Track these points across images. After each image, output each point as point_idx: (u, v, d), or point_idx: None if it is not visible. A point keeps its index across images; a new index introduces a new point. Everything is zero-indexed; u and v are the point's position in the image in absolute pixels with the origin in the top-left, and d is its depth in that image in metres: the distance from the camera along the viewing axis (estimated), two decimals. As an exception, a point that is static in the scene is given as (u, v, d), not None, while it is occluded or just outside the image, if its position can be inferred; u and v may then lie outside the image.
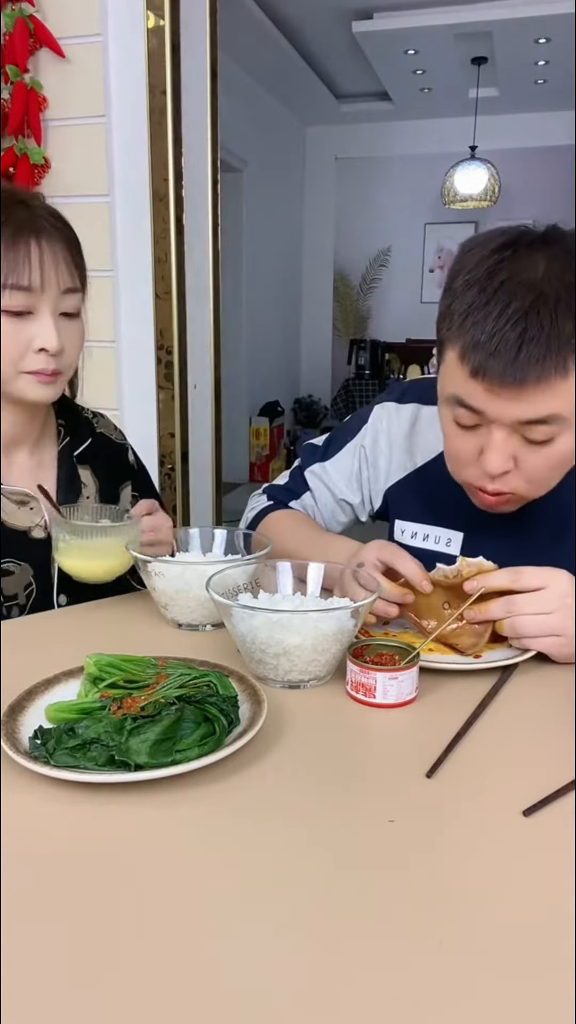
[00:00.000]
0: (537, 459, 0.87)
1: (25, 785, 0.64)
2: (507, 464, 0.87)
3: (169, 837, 0.59)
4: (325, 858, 0.57)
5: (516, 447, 0.86)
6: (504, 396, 0.82)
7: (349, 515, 1.22)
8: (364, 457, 1.18)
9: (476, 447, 0.89)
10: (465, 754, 0.71)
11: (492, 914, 0.51)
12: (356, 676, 0.79)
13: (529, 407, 0.82)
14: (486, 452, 0.87)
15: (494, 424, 0.85)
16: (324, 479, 1.20)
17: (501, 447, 0.86)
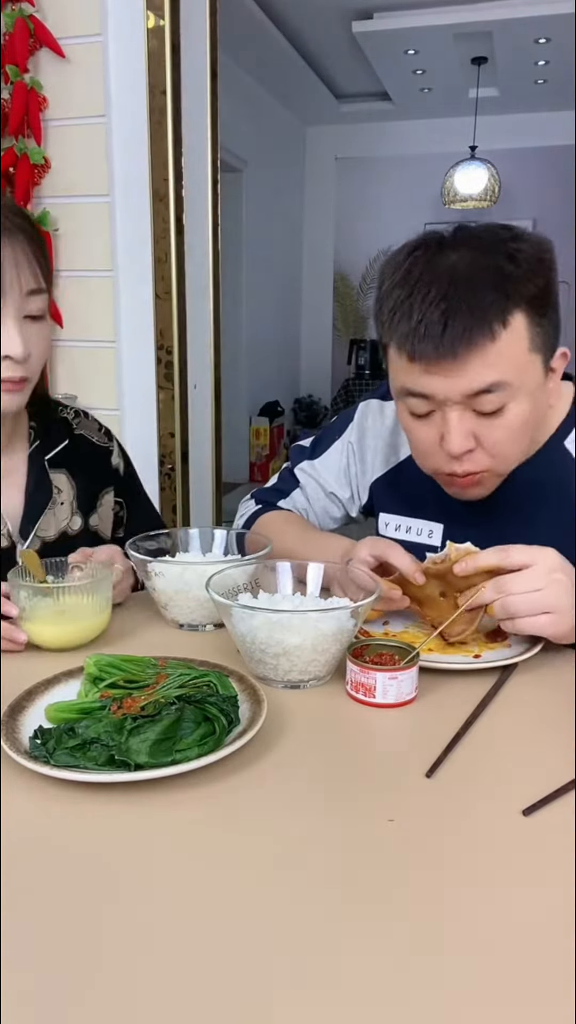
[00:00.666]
0: (495, 432, 0.90)
1: (25, 785, 0.64)
2: (467, 443, 0.90)
3: (168, 837, 0.59)
4: (325, 858, 0.57)
5: (472, 424, 0.90)
6: (443, 373, 0.86)
7: (341, 510, 1.24)
8: (352, 452, 1.21)
9: (436, 434, 0.92)
10: (465, 754, 0.71)
11: (492, 914, 0.51)
12: (356, 676, 0.79)
13: (470, 379, 0.86)
14: (445, 436, 0.90)
15: (445, 406, 0.89)
16: (314, 475, 1.23)
17: (457, 426, 0.89)
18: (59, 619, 0.89)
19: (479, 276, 0.84)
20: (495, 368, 0.85)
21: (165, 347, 2.07)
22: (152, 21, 1.91)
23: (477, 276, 0.84)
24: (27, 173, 2.03)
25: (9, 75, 1.96)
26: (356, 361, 6.83)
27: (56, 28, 1.96)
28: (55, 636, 0.90)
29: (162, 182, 1.98)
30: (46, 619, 0.89)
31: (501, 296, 0.84)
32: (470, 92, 5.69)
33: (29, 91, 1.98)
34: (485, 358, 0.85)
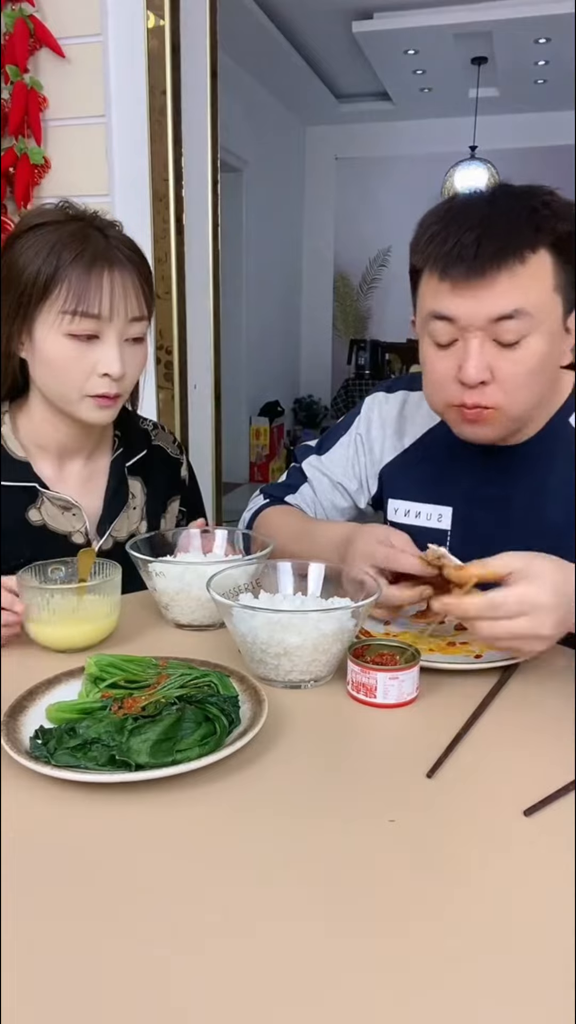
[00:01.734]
0: (512, 365, 0.92)
1: (26, 785, 0.64)
2: (483, 373, 0.92)
3: (169, 837, 0.59)
4: (325, 858, 0.57)
5: (491, 355, 0.92)
6: (470, 295, 0.90)
7: (348, 501, 1.25)
8: (360, 444, 1.23)
9: (454, 366, 0.94)
10: (466, 754, 0.71)
11: (493, 914, 0.51)
12: (357, 676, 0.79)
13: (495, 301, 0.89)
14: (463, 365, 0.92)
15: (467, 333, 0.92)
16: (321, 469, 1.25)
17: (477, 354, 0.91)
18: (68, 620, 0.89)
19: (513, 211, 0.91)
20: (520, 293, 0.89)
21: (165, 347, 2.07)
22: (152, 21, 1.91)
23: (512, 209, 0.91)
24: (27, 173, 2.03)
25: (9, 75, 1.96)
26: (356, 361, 6.82)
27: (56, 28, 1.96)
28: (65, 637, 0.90)
29: (162, 182, 1.98)
30: (54, 620, 0.89)
31: (531, 228, 0.90)
32: (470, 92, 5.69)
33: (29, 91, 1.98)
34: (512, 280, 0.89)
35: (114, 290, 1.01)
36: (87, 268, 1.00)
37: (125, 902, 0.52)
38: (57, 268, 1.00)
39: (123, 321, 1.03)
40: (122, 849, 0.58)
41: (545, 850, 0.58)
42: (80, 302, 1.00)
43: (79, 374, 1.03)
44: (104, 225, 1.07)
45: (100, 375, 1.03)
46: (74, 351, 1.02)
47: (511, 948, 0.48)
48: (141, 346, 1.08)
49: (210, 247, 2.19)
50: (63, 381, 1.04)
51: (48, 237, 1.02)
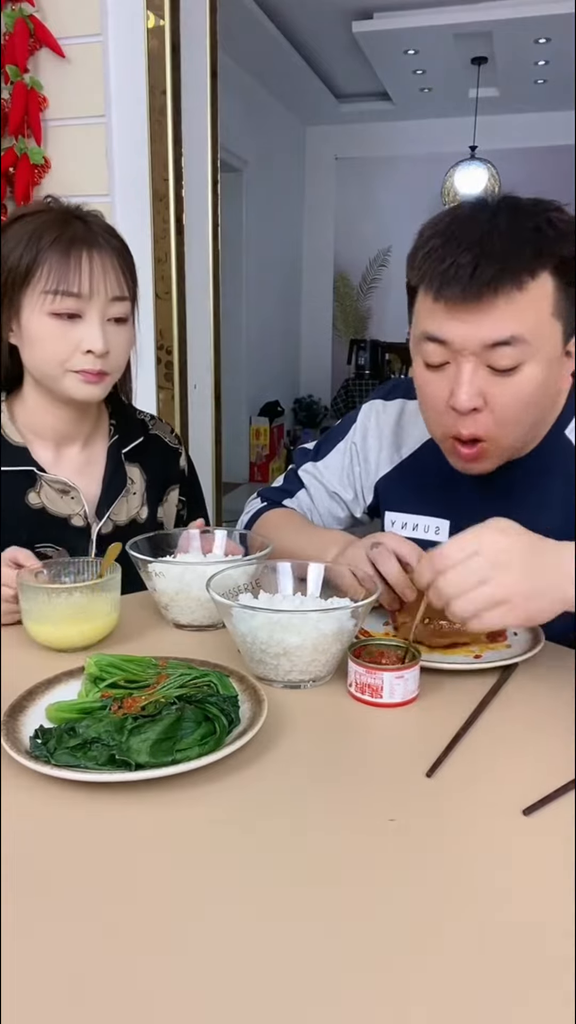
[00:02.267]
0: (505, 393, 0.89)
1: (26, 785, 0.64)
2: (476, 399, 0.89)
3: (169, 837, 0.59)
4: (325, 857, 0.57)
5: (484, 381, 0.89)
6: (465, 318, 0.86)
7: (345, 511, 1.24)
8: (355, 453, 1.21)
9: (446, 389, 0.91)
10: (465, 753, 0.71)
11: (492, 913, 0.51)
12: (362, 677, 0.79)
13: (490, 327, 0.86)
14: (455, 390, 0.90)
15: (460, 356, 0.89)
16: (317, 476, 1.23)
17: (469, 380, 0.89)
18: (68, 619, 0.89)
19: (515, 231, 0.86)
20: (517, 320, 0.86)
21: (165, 347, 2.07)
22: (152, 21, 1.91)
23: (512, 231, 0.86)
24: (27, 173, 2.03)
25: (9, 75, 1.96)
26: (356, 361, 6.82)
27: (56, 28, 1.96)
28: (64, 636, 0.90)
29: (162, 182, 1.98)
30: (54, 619, 0.89)
31: (533, 251, 0.86)
32: (470, 92, 5.69)
33: (29, 91, 1.98)
34: (509, 306, 0.85)
35: (93, 270, 1.04)
36: (66, 249, 1.04)
37: (125, 902, 0.52)
38: (38, 251, 1.04)
39: (104, 300, 1.06)
40: (122, 849, 0.58)
41: (544, 849, 0.58)
42: (60, 281, 1.03)
43: (63, 351, 1.06)
44: (84, 214, 1.10)
45: (84, 352, 1.06)
46: (57, 329, 1.05)
47: (511, 948, 0.48)
48: (125, 327, 1.11)
49: (210, 247, 2.19)
50: (48, 359, 1.07)
51: (29, 225, 1.06)
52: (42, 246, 1.03)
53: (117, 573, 0.93)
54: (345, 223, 7.12)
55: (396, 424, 1.18)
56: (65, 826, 0.60)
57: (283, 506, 1.24)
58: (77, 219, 1.07)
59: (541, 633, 0.92)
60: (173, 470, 1.31)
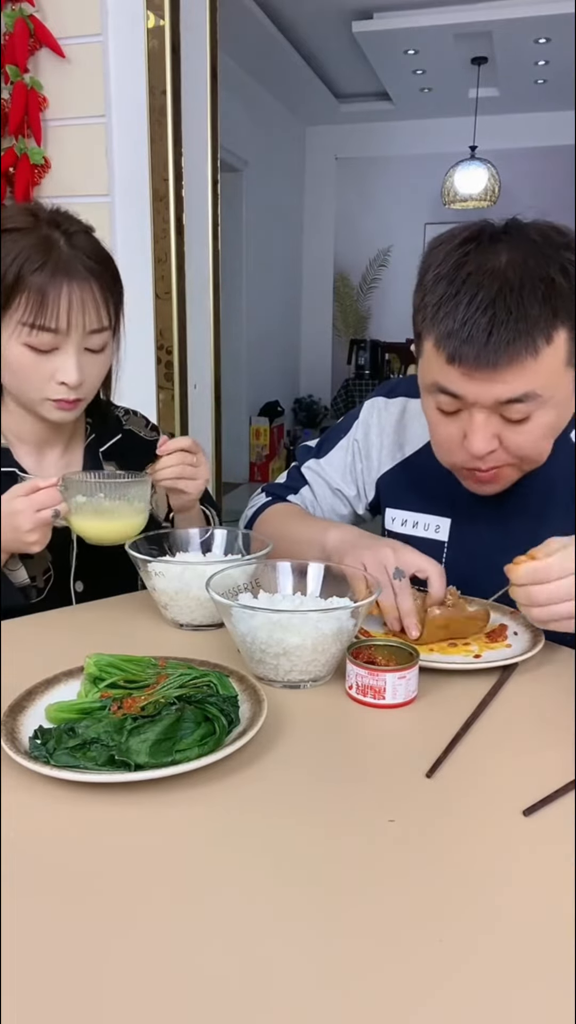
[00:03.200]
0: (518, 437, 0.91)
1: (25, 785, 0.64)
2: (491, 444, 0.91)
3: (169, 837, 0.59)
4: (325, 858, 0.57)
5: (497, 427, 0.90)
6: (480, 379, 0.86)
7: (347, 507, 1.24)
8: (357, 450, 1.21)
9: (459, 432, 0.92)
10: (465, 754, 0.71)
11: (492, 913, 0.51)
12: (363, 679, 0.79)
13: (504, 387, 0.86)
14: (469, 436, 0.91)
15: (474, 407, 0.89)
16: (320, 473, 1.24)
17: (482, 428, 0.90)
18: (99, 515, 1.01)
19: (530, 286, 0.83)
20: (531, 381, 0.86)
21: (165, 347, 2.07)
22: (152, 21, 1.91)
23: (527, 285, 0.83)
24: (27, 173, 2.03)
25: (9, 75, 1.96)
26: (356, 361, 6.82)
27: (56, 28, 1.96)
28: (98, 529, 1.02)
29: (162, 182, 1.98)
30: (90, 514, 1.01)
31: (548, 311, 0.83)
32: (470, 92, 5.69)
33: (29, 91, 1.98)
34: (523, 370, 0.85)
35: (72, 303, 1.03)
36: (46, 281, 1.01)
37: (125, 902, 0.52)
38: (18, 278, 1.02)
39: (81, 333, 1.05)
40: (121, 849, 0.58)
41: (544, 850, 0.58)
42: (38, 316, 1.02)
43: (38, 381, 1.07)
44: (73, 231, 1.06)
45: (58, 383, 1.06)
46: (32, 360, 1.05)
47: (511, 948, 0.48)
48: (102, 355, 1.11)
49: (210, 247, 2.19)
50: (24, 385, 1.08)
51: (14, 245, 1.03)
52: (24, 272, 1.01)
53: (147, 480, 1.08)
54: (345, 223, 7.12)
55: (398, 422, 1.18)
56: (65, 826, 0.60)
57: (287, 501, 1.24)
58: (63, 236, 1.04)
59: (541, 633, 0.92)
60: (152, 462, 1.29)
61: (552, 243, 0.86)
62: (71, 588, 1.17)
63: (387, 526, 1.17)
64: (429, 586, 0.93)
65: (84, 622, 1.04)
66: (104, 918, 0.51)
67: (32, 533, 0.99)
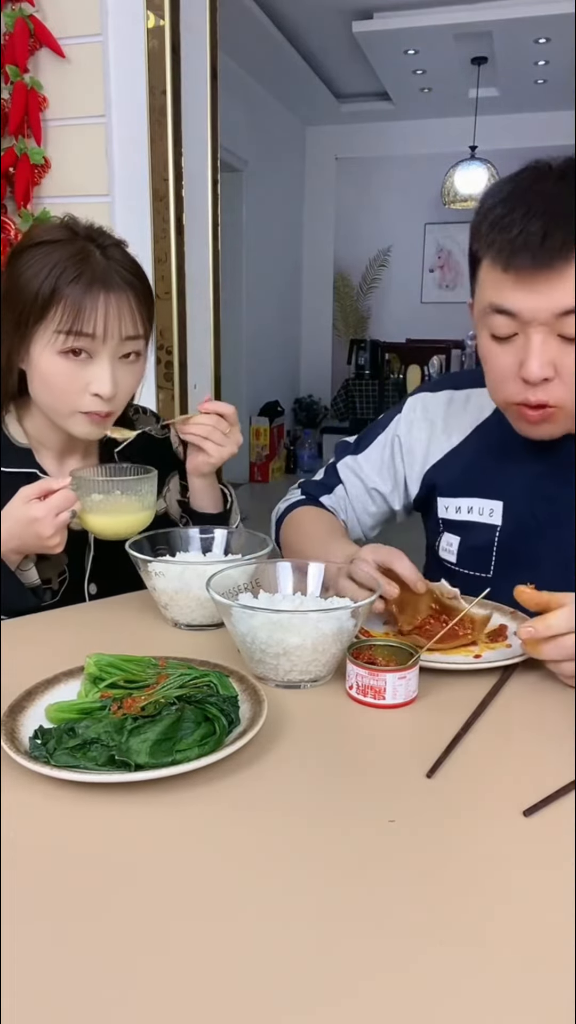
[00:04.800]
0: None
1: (25, 785, 0.64)
2: (547, 370, 0.90)
3: (169, 837, 0.59)
4: (325, 858, 0.57)
5: (554, 351, 0.89)
6: (535, 288, 0.86)
7: (380, 505, 1.24)
8: (399, 446, 1.21)
9: (515, 361, 0.92)
10: (465, 754, 0.71)
11: (492, 914, 0.51)
12: (363, 680, 0.79)
13: (560, 296, 0.86)
14: (526, 360, 0.90)
15: (530, 327, 0.89)
16: (356, 470, 1.24)
17: (539, 351, 0.89)
18: (110, 511, 1.03)
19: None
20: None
21: (165, 347, 2.07)
22: (152, 21, 1.91)
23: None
24: (27, 173, 2.03)
25: (9, 75, 1.96)
26: (356, 361, 6.82)
27: (56, 28, 1.96)
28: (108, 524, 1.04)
29: (162, 182, 1.98)
30: (100, 510, 1.03)
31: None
32: (470, 92, 5.70)
33: (29, 91, 1.98)
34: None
35: (108, 311, 1.04)
36: (84, 290, 1.02)
37: (125, 902, 0.52)
38: (55, 288, 1.02)
39: (116, 341, 1.06)
40: (121, 849, 0.58)
41: (544, 850, 0.58)
42: (75, 322, 1.02)
43: (72, 392, 1.06)
44: (107, 244, 1.08)
45: (92, 394, 1.06)
46: (68, 369, 1.05)
47: (511, 948, 0.48)
48: (136, 363, 1.11)
49: (210, 247, 2.19)
50: (56, 397, 1.08)
51: (50, 257, 1.04)
52: (60, 283, 1.02)
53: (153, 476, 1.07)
54: (345, 223, 7.12)
55: (446, 413, 1.18)
56: (65, 826, 0.60)
57: (319, 502, 1.24)
58: (98, 248, 1.06)
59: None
60: (167, 459, 1.30)
61: None
62: (85, 590, 1.17)
63: (441, 515, 1.17)
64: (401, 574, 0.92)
65: (84, 622, 1.04)
66: (104, 918, 0.51)
67: (54, 538, 0.99)
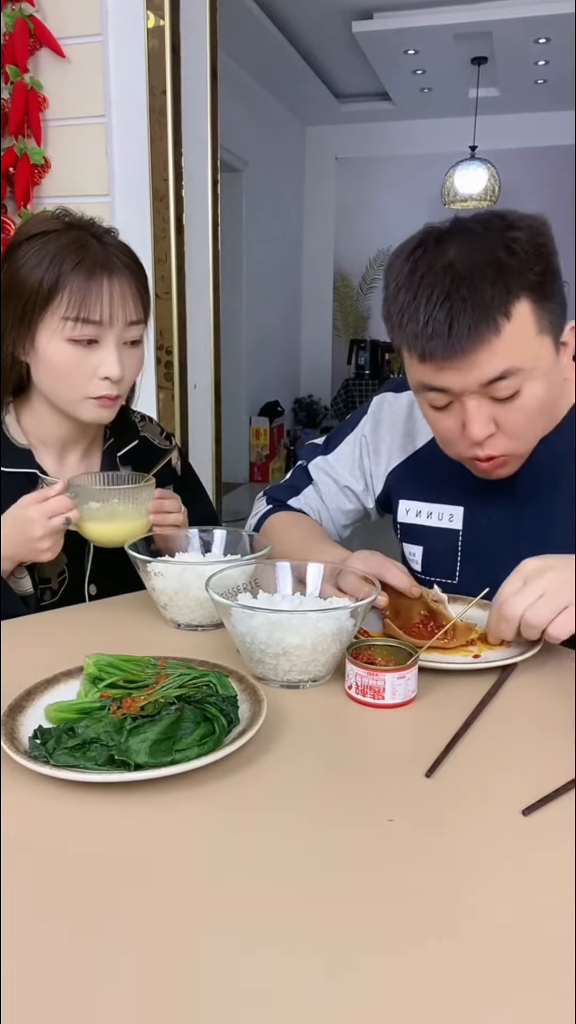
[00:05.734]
0: (513, 415, 0.93)
1: (25, 785, 0.64)
2: (488, 428, 0.93)
3: (169, 837, 0.59)
4: (325, 857, 0.57)
5: (491, 409, 0.92)
6: (455, 369, 0.89)
7: (354, 503, 1.24)
8: (365, 445, 1.22)
9: (457, 423, 0.95)
10: (464, 753, 0.71)
11: (492, 913, 0.51)
12: (363, 679, 0.79)
13: (481, 370, 0.89)
14: (467, 424, 0.93)
15: (463, 396, 0.92)
16: (327, 470, 1.24)
17: (476, 414, 0.92)
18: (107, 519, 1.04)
19: (478, 272, 0.86)
20: (504, 357, 0.88)
21: (165, 347, 2.07)
22: (152, 21, 1.91)
23: (476, 272, 0.86)
24: (27, 173, 2.03)
25: (9, 75, 1.96)
26: (356, 361, 6.82)
27: (56, 28, 1.96)
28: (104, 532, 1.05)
29: (162, 182, 1.98)
30: (98, 518, 1.03)
31: (502, 289, 0.86)
32: (470, 92, 5.69)
33: (29, 91, 1.98)
34: (493, 350, 0.87)
35: (113, 296, 1.05)
36: (87, 276, 1.04)
37: (124, 902, 0.52)
38: (59, 276, 1.03)
39: (121, 325, 1.07)
40: (121, 849, 0.58)
41: (544, 850, 0.58)
42: (81, 309, 1.03)
43: (80, 377, 1.07)
44: (101, 232, 1.09)
45: (100, 378, 1.07)
46: (75, 355, 1.06)
47: (510, 947, 0.48)
48: (138, 348, 1.12)
49: (210, 247, 2.19)
50: (65, 384, 1.08)
51: (49, 246, 1.05)
52: (63, 270, 1.03)
53: (151, 486, 1.08)
54: (345, 223, 7.12)
55: (408, 415, 1.19)
56: (64, 826, 0.60)
57: (288, 506, 1.24)
58: (94, 238, 1.07)
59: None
60: (164, 470, 1.29)
61: (494, 228, 0.90)
62: (85, 591, 1.17)
63: (400, 518, 1.18)
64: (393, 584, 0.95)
65: (84, 622, 1.04)
66: (104, 918, 0.51)
67: (44, 540, 1.00)
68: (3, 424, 1.16)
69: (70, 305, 1.03)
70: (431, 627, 0.93)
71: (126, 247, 1.11)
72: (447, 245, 0.90)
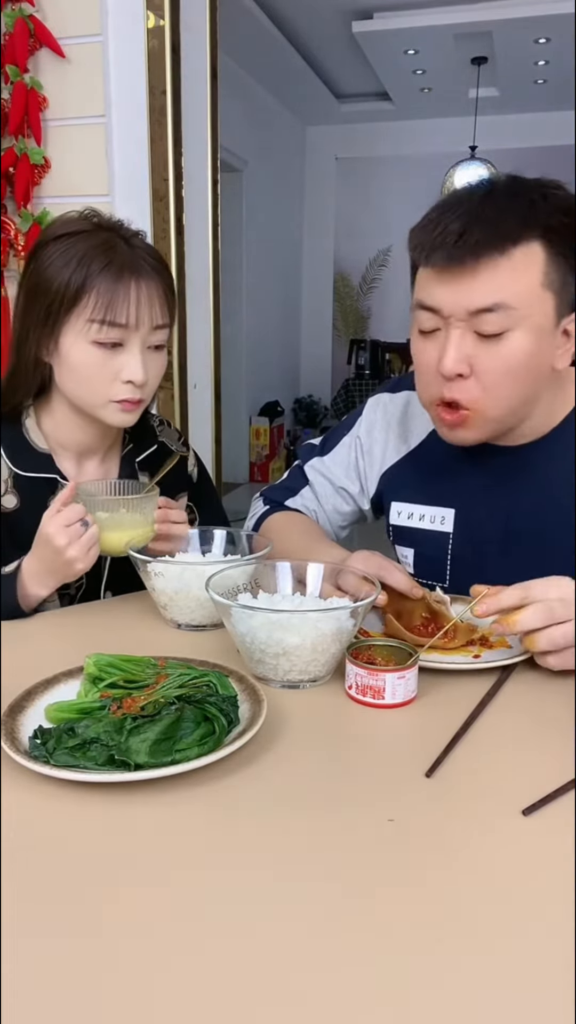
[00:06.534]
0: (492, 360, 0.91)
1: (25, 785, 0.64)
2: (461, 365, 0.91)
3: (168, 837, 0.59)
4: (325, 857, 0.57)
5: (471, 348, 0.91)
6: (452, 284, 0.89)
7: (350, 504, 1.24)
8: (360, 447, 1.22)
9: (437, 357, 0.94)
10: (464, 753, 0.71)
11: (492, 913, 0.51)
12: (363, 679, 0.79)
13: (476, 294, 0.88)
14: (442, 355, 0.92)
15: (449, 323, 0.91)
16: (323, 471, 1.24)
17: (455, 345, 0.91)
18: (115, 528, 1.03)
19: (506, 202, 0.89)
20: (501, 286, 0.88)
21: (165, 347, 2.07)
22: (152, 21, 1.90)
23: (504, 202, 0.89)
24: (27, 173, 2.03)
25: (9, 75, 1.96)
26: (356, 361, 6.82)
27: (56, 28, 1.96)
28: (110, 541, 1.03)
29: (162, 182, 1.98)
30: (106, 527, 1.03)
31: (519, 221, 0.88)
32: (470, 92, 5.69)
33: (29, 91, 1.98)
34: (493, 272, 0.87)
35: (140, 299, 1.04)
36: (115, 278, 1.03)
37: (124, 902, 0.52)
38: (86, 278, 1.03)
39: (147, 329, 1.07)
40: (121, 849, 0.58)
41: (544, 849, 0.58)
42: (108, 311, 1.03)
43: (104, 380, 1.07)
44: (129, 235, 1.09)
45: (124, 382, 1.07)
46: (99, 358, 1.06)
47: (511, 947, 0.48)
48: (162, 352, 1.13)
49: (210, 247, 2.19)
50: (88, 387, 1.08)
51: (77, 247, 1.04)
52: (91, 272, 1.02)
53: (155, 495, 1.08)
54: (345, 223, 7.12)
55: (403, 415, 1.19)
56: (64, 826, 0.60)
57: (285, 506, 1.24)
58: (122, 240, 1.07)
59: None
60: (180, 477, 1.30)
61: (541, 183, 0.93)
62: (101, 597, 1.18)
63: (392, 520, 1.17)
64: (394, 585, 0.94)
65: (84, 622, 1.04)
66: (104, 918, 0.51)
67: (71, 548, 0.98)
68: (23, 428, 1.15)
69: (96, 307, 1.02)
70: (432, 629, 0.92)
71: (154, 250, 1.11)
72: (493, 188, 0.93)
